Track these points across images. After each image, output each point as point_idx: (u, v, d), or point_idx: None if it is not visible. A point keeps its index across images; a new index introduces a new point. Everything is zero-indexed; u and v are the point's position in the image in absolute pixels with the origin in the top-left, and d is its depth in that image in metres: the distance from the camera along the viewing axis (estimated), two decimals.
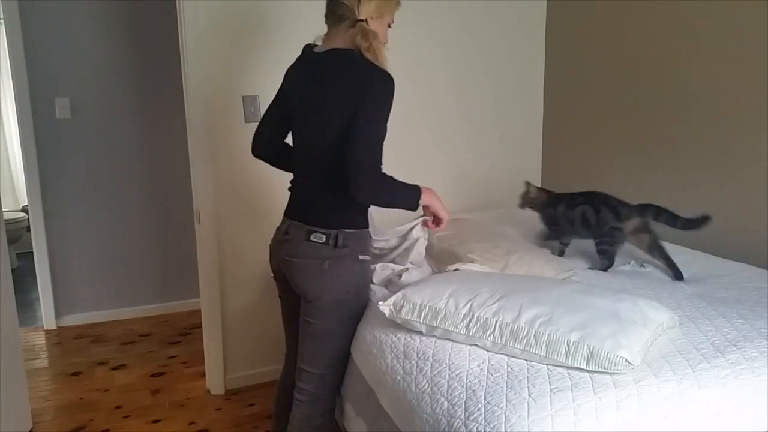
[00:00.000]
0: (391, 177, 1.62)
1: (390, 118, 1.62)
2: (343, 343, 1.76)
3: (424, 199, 1.71)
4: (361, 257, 1.71)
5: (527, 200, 2.34)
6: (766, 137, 2.14)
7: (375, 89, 1.58)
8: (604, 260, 2.06)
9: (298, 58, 1.81)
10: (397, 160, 2.38)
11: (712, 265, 2.06)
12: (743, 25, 2.18)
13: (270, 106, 1.89)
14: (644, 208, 2.05)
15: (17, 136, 4.95)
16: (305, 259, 1.68)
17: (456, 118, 3.09)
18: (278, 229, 1.82)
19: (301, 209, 1.75)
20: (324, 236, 1.65)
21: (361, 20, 1.62)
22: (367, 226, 1.75)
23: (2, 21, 4.58)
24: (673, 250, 2.27)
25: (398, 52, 2.86)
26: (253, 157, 2.78)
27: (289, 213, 1.80)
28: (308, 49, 1.77)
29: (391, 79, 1.60)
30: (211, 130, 2.60)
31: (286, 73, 1.84)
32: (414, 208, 1.72)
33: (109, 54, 3.53)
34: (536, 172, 3.33)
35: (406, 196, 1.68)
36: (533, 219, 2.61)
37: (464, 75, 3.06)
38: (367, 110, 1.56)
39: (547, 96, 3.25)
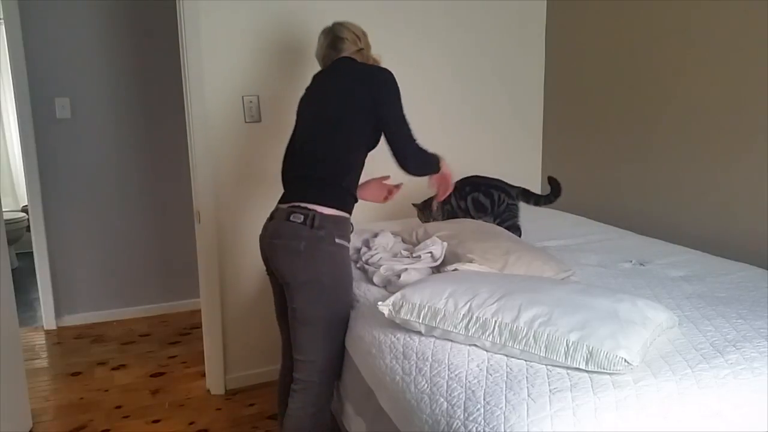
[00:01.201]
0: (424, 148, 1.87)
1: None
2: (328, 329, 1.78)
3: (443, 165, 1.97)
4: (338, 240, 1.76)
5: (436, 215, 2.47)
6: (765, 137, 2.14)
7: (388, 87, 1.81)
8: (517, 233, 2.27)
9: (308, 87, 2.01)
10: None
11: (711, 265, 2.06)
12: (744, 26, 2.18)
13: (291, 139, 2.01)
14: (526, 193, 2.36)
15: (17, 136, 4.96)
16: (284, 239, 1.75)
17: (456, 118, 3.10)
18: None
19: (286, 193, 1.86)
20: (302, 216, 1.73)
21: (362, 49, 1.97)
22: (348, 214, 1.83)
23: (2, 21, 4.59)
24: (672, 250, 2.27)
25: (398, 52, 2.88)
26: (253, 158, 2.80)
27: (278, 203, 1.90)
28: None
29: (391, 72, 1.86)
30: (211, 130, 2.60)
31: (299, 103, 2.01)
32: (437, 171, 1.96)
33: (109, 54, 3.53)
34: (536, 172, 3.33)
35: (436, 160, 1.94)
36: (532, 219, 2.62)
37: (464, 75, 3.06)
38: (392, 107, 1.80)
39: (547, 96, 3.25)
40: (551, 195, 2.37)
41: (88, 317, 3.70)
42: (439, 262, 1.95)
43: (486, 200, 2.30)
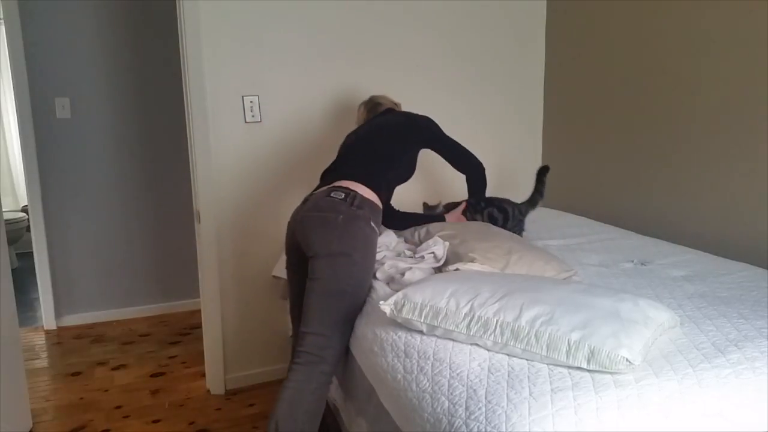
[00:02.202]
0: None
1: None
2: (349, 305, 1.79)
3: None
4: (372, 224, 1.84)
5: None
6: (766, 137, 2.14)
7: (434, 128, 2.25)
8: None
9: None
10: None
11: (712, 265, 2.06)
12: (744, 26, 2.18)
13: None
14: (530, 201, 2.45)
15: (17, 136, 4.96)
16: (322, 212, 1.81)
17: (455, 118, 3.09)
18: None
19: (327, 180, 1.98)
20: (343, 194, 1.84)
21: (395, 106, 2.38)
22: (382, 208, 1.98)
23: (2, 21, 4.59)
24: (674, 250, 2.27)
25: (398, 52, 2.88)
26: (253, 158, 2.79)
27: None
28: None
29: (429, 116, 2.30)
30: (211, 130, 2.60)
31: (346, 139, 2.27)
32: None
33: (109, 54, 3.53)
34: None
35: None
36: (533, 219, 2.62)
37: (464, 75, 3.06)
38: (443, 140, 2.26)
39: (547, 96, 3.25)
40: (537, 193, 2.43)
41: (88, 317, 3.70)
42: (441, 263, 1.95)
43: (500, 215, 2.34)
